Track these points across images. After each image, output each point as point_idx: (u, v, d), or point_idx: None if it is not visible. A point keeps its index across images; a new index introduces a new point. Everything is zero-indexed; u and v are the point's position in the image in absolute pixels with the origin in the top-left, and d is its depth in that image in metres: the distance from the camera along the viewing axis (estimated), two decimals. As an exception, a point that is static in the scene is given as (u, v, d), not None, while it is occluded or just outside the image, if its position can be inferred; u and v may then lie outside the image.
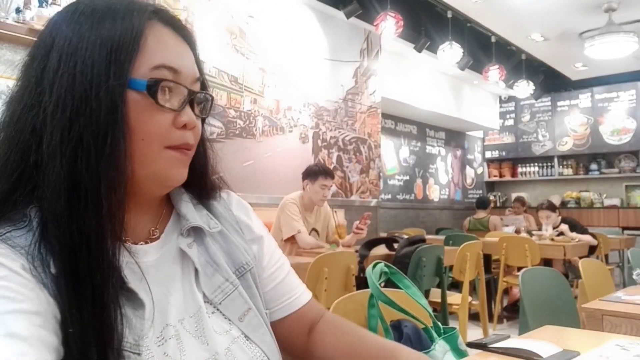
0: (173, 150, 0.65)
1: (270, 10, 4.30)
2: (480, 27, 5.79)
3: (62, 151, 0.57)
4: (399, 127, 6.92)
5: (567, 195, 7.94)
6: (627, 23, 5.33)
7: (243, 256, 0.76)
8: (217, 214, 0.78)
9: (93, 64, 0.60)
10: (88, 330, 0.55)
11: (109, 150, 0.58)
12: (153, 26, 0.65)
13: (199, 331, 0.67)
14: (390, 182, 6.67)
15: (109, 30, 0.61)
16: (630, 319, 1.61)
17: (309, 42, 4.66)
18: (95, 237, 0.57)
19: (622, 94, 7.48)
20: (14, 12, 2.72)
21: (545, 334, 1.29)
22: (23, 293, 0.53)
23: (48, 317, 0.54)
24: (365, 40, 5.28)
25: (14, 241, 0.56)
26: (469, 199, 8.16)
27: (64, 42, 0.61)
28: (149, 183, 0.66)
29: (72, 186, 0.57)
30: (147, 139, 0.63)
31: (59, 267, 0.56)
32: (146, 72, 0.62)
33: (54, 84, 0.60)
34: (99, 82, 0.59)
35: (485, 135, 8.75)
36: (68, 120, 0.58)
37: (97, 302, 0.56)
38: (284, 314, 0.81)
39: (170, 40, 0.66)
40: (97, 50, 0.60)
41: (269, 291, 0.81)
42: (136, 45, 0.62)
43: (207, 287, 0.70)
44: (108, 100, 0.59)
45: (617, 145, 7.48)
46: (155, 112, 0.63)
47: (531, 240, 4.58)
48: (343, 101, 4.96)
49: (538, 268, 2.66)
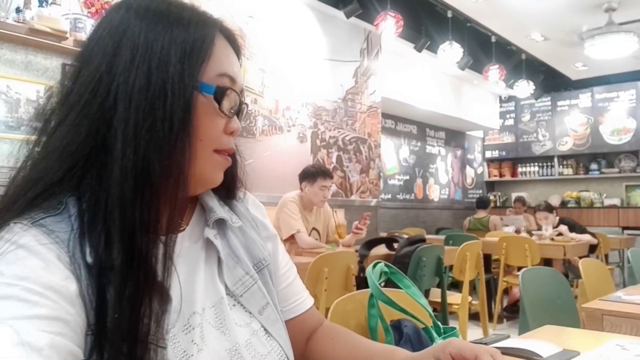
0: (219, 155, 0.69)
1: (270, 10, 4.30)
2: (481, 27, 5.78)
3: (137, 140, 0.59)
4: (399, 127, 6.92)
5: (567, 195, 7.94)
6: (627, 23, 5.33)
7: (261, 252, 0.78)
8: (237, 212, 0.81)
9: (168, 62, 0.62)
10: (120, 317, 0.55)
11: (175, 145, 0.61)
12: (219, 37, 0.70)
13: (219, 321, 0.69)
14: (390, 181, 6.67)
15: (183, 34, 0.65)
16: (630, 318, 1.61)
17: (308, 42, 4.66)
18: (150, 225, 0.59)
19: (622, 94, 7.48)
20: (14, 12, 2.72)
21: (545, 334, 1.29)
22: (46, 296, 0.51)
23: (70, 321, 0.52)
24: (365, 40, 5.28)
25: (49, 228, 0.56)
26: (469, 198, 8.16)
27: (138, 35, 0.63)
28: (193, 181, 0.68)
29: (140, 175, 0.59)
30: (204, 141, 0.66)
31: (95, 256, 0.56)
32: (213, 78, 0.67)
33: (130, 76, 0.61)
34: (173, 80, 0.62)
35: (485, 135, 8.75)
36: (143, 112, 0.60)
37: (129, 290, 0.56)
38: (289, 316, 0.83)
39: (230, 52, 0.71)
40: (173, 50, 0.63)
41: (281, 290, 0.83)
42: (208, 52, 0.66)
43: (229, 279, 0.73)
44: (181, 99, 0.62)
45: (617, 145, 7.48)
46: (214, 117, 0.67)
47: (531, 240, 4.58)
48: (343, 101, 4.96)
49: (538, 268, 2.66)
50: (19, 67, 2.84)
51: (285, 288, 0.84)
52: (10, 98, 2.80)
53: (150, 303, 0.58)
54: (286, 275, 0.85)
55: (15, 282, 0.50)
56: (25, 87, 2.85)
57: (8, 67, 2.80)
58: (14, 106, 2.81)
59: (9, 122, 2.78)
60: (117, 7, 0.67)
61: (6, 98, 2.78)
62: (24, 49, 2.86)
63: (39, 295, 0.51)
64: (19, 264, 0.52)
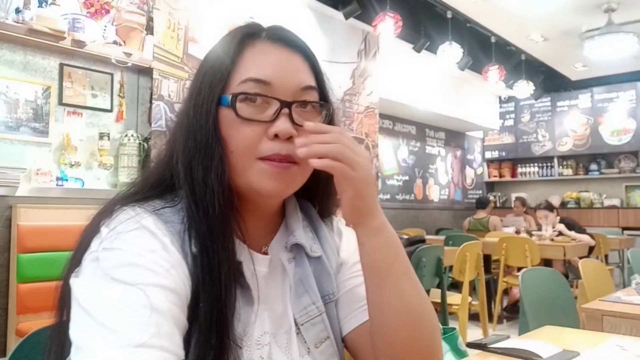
0: (264, 162, 0.67)
1: (271, 10, 4.30)
2: (480, 27, 5.78)
3: (183, 162, 0.67)
4: (397, 128, 6.91)
5: (567, 195, 7.93)
6: (627, 23, 5.33)
7: (331, 285, 0.76)
8: (322, 237, 0.79)
9: (202, 86, 0.69)
10: (213, 308, 0.61)
11: (209, 161, 0.66)
12: (254, 44, 0.70)
13: (287, 348, 0.70)
14: (389, 182, 6.66)
15: (216, 54, 0.70)
16: (630, 319, 1.61)
17: (308, 44, 4.66)
18: (215, 231, 0.64)
19: (622, 94, 7.48)
20: (14, 12, 2.72)
21: (545, 334, 1.29)
22: (167, 269, 0.59)
23: (182, 295, 0.59)
24: (363, 41, 5.28)
25: (166, 217, 0.64)
26: (469, 199, 8.15)
27: (199, 70, 0.72)
28: (249, 192, 0.70)
29: (192, 189, 0.66)
30: (236, 151, 0.67)
31: (198, 248, 0.63)
32: (234, 87, 0.68)
33: (184, 107, 0.72)
34: (201, 102, 0.68)
35: (485, 136, 8.75)
36: (183, 137, 0.68)
37: (221, 282, 0.62)
38: (354, 325, 0.76)
39: (267, 55, 0.70)
40: (205, 74, 0.70)
41: (342, 295, 0.77)
42: (231, 65, 0.68)
43: (295, 306, 0.72)
44: (205, 117, 0.67)
45: (617, 145, 7.48)
46: (242, 125, 0.67)
47: (531, 241, 4.58)
48: (340, 102, 4.96)
49: (538, 268, 2.66)
50: (18, 68, 2.83)
51: (347, 292, 0.77)
52: (10, 98, 2.79)
53: (237, 298, 0.64)
54: (348, 282, 0.78)
55: (145, 253, 0.58)
56: (24, 87, 2.84)
57: (7, 68, 2.79)
58: (13, 106, 2.80)
59: (8, 122, 2.77)
60: None
61: (5, 98, 2.78)
62: (23, 49, 2.85)
63: (163, 269, 0.58)
64: (145, 239, 0.60)
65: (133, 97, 3.34)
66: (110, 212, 0.64)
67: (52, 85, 2.94)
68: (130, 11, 3.20)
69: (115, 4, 3.17)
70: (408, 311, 0.67)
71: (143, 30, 3.27)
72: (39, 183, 2.81)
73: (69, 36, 2.87)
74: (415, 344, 0.68)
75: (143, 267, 0.57)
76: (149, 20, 3.33)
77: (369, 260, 0.69)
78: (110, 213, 0.64)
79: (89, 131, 3.10)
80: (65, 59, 3.01)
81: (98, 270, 0.57)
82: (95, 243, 0.60)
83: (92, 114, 3.13)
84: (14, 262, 2.59)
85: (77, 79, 3.06)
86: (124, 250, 0.58)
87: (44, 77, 2.93)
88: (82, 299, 0.56)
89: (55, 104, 2.96)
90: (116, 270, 0.56)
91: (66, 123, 3.01)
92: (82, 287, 0.57)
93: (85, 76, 3.10)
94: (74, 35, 2.89)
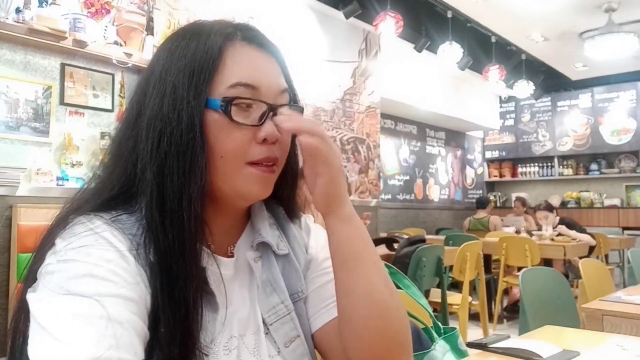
0: (254, 167, 0.66)
1: (271, 10, 4.30)
2: (481, 27, 5.78)
3: (152, 167, 0.63)
4: (399, 127, 6.91)
5: (567, 195, 7.93)
6: (627, 23, 5.33)
7: (300, 283, 0.75)
8: (290, 236, 0.78)
9: (177, 86, 0.64)
10: (175, 319, 0.60)
11: (188, 167, 0.62)
12: (234, 45, 0.68)
13: (256, 349, 0.69)
14: (390, 182, 6.66)
15: (192, 53, 0.66)
16: (630, 319, 1.61)
17: (308, 43, 4.66)
18: (182, 241, 0.62)
19: (622, 94, 7.48)
20: (14, 12, 2.72)
21: (545, 334, 1.29)
22: (125, 279, 0.57)
23: (141, 305, 0.58)
24: (364, 41, 5.28)
25: (124, 225, 0.62)
26: (469, 199, 8.15)
27: (160, 68, 0.67)
28: (231, 197, 0.69)
29: (161, 197, 0.62)
30: (226, 156, 0.65)
31: (157, 259, 0.61)
32: (222, 91, 0.65)
33: (147, 108, 0.66)
34: (181, 104, 0.64)
35: (486, 135, 8.75)
36: (156, 140, 0.63)
37: (184, 293, 0.61)
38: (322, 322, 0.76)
39: (250, 58, 0.68)
40: (182, 73, 0.65)
41: (310, 293, 0.77)
42: (214, 66, 0.65)
43: (263, 306, 0.71)
44: (188, 120, 0.63)
45: (617, 145, 7.48)
46: (233, 130, 0.65)
47: (531, 241, 4.58)
48: (341, 101, 4.95)
49: (538, 268, 2.66)
50: (18, 67, 2.83)
51: (326, 284, 0.76)
52: (10, 98, 2.79)
53: (201, 306, 0.63)
54: (317, 279, 0.78)
55: (101, 263, 0.57)
56: (24, 87, 2.84)
57: (7, 67, 2.79)
58: (13, 106, 2.80)
59: (8, 122, 2.77)
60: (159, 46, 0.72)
61: (6, 98, 2.78)
62: (23, 49, 2.85)
63: (120, 278, 0.57)
64: (101, 249, 0.58)
65: (133, 97, 3.35)
66: (64, 223, 0.63)
67: (54, 85, 2.94)
68: (130, 11, 3.20)
69: (115, 4, 3.17)
70: (377, 300, 0.67)
71: (143, 30, 3.28)
72: (39, 183, 2.81)
73: (70, 36, 2.87)
74: (384, 333, 0.67)
75: (99, 278, 0.56)
76: (149, 21, 3.33)
77: (338, 249, 0.69)
78: (65, 224, 0.62)
79: (90, 131, 3.10)
80: (66, 58, 3.01)
81: (52, 284, 0.56)
82: (51, 257, 0.59)
83: (93, 113, 3.13)
84: (14, 262, 2.60)
85: (79, 79, 3.06)
86: (79, 262, 0.57)
87: (44, 77, 2.93)
88: (37, 315, 0.54)
89: (57, 103, 2.96)
90: (71, 282, 0.55)
91: (68, 123, 3.01)
92: (37, 302, 0.56)
93: (87, 76, 3.10)
94: (75, 35, 2.89)
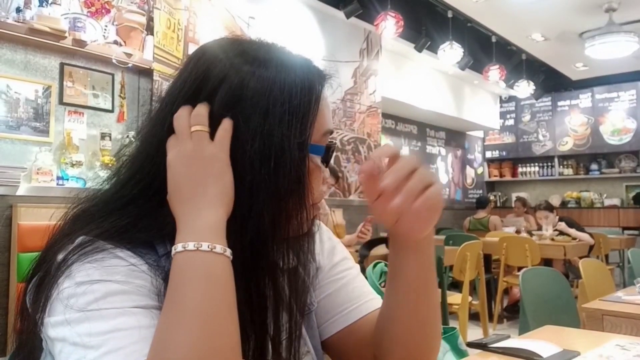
0: (314, 207, 0.65)
1: (272, 10, 4.29)
2: (481, 27, 5.78)
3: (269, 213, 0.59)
4: (399, 127, 6.91)
5: (568, 195, 7.93)
6: (627, 23, 5.33)
7: (309, 295, 0.74)
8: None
9: (282, 119, 0.59)
10: None
11: (289, 208, 0.60)
12: (324, 89, 0.66)
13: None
14: (390, 182, 6.65)
15: (291, 87, 0.61)
16: (630, 319, 1.61)
17: (309, 43, 4.66)
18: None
19: (622, 94, 7.48)
20: (14, 12, 2.72)
21: (545, 334, 1.29)
22: (151, 296, 0.57)
23: None
24: (365, 40, 5.28)
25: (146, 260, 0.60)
26: (469, 199, 8.15)
27: (237, 82, 0.60)
28: None
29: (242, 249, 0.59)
30: (315, 202, 0.64)
31: None
32: (320, 137, 0.64)
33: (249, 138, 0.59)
34: (289, 142, 0.59)
35: (486, 135, 8.74)
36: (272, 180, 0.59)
37: None
38: (336, 329, 0.76)
39: (328, 103, 0.67)
40: (283, 106, 0.60)
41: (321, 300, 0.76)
42: (317, 111, 0.62)
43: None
44: (295, 162, 0.59)
45: (617, 145, 7.47)
46: (319, 174, 0.65)
47: (531, 240, 4.58)
48: (341, 101, 4.95)
49: (538, 268, 2.66)
50: (19, 67, 2.83)
51: (338, 290, 0.76)
52: (10, 98, 2.79)
53: None
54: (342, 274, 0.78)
55: (131, 280, 0.57)
56: (24, 86, 2.84)
57: (8, 67, 2.79)
58: (14, 106, 2.80)
59: (8, 121, 2.77)
60: (205, 49, 0.65)
61: (6, 98, 2.78)
62: (24, 48, 2.85)
63: (146, 289, 0.57)
64: (126, 270, 0.58)
65: (134, 98, 3.34)
66: (81, 246, 0.60)
67: (53, 85, 2.94)
68: (130, 11, 3.20)
69: (115, 4, 3.17)
70: (433, 319, 0.71)
71: (143, 30, 3.28)
72: (39, 182, 2.81)
73: (69, 36, 2.87)
74: (425, 342, 0.72)
75: (128, 293, 0.56)
76: (149, 20, 3.33)
77: (410, 279, 0.69)
78: (82, 247, 0.59)
79: (90, 131, 3.10)
80: (65, 58, 3.01)
81: (79, 305, 0.54)
82: (67, 280, 0.57)
83: (93, 113, 3.13)
84: (14, 262, 2.60)
85: (78, 79, 3.06)
86: (104, 282, 0.56)
87: (44, 77, 2.93)
88: (71, 337, 0.53)
89: (56, 103, 2.96)
90: (101, 302, 0.54)
91: (67, 122, 3.01)
92: (65, 325, 0.54)
93: (86, 76, 3.09)
94: (74, 35, 2.89)
